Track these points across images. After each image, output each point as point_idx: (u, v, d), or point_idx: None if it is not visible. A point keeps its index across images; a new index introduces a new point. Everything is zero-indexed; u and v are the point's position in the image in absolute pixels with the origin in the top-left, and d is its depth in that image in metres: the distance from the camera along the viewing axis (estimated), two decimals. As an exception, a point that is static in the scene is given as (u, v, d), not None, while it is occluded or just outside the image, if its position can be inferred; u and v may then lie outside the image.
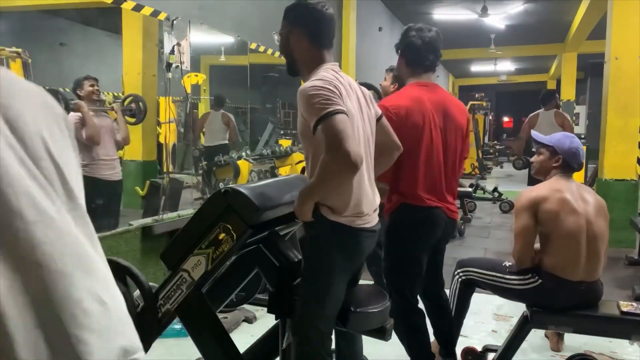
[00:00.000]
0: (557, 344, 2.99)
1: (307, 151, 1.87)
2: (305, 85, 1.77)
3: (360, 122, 1.87)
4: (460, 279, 2.65)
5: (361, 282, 2.18)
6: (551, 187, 2.40)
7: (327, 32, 1.92)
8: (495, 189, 8.18)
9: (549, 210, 2.34)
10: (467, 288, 2.65)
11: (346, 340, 2.15)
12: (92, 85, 3.69)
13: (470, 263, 2.66)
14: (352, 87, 1.93)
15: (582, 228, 2.33)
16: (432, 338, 2.92)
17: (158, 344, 2.66)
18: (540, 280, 2.37)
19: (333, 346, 2.08)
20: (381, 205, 2.12)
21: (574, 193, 2.39)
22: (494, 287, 2.54)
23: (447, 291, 2.71)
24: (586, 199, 2.41)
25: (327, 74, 1.82)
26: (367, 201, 1.89)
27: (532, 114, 6.58)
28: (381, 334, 2.00)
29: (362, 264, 2.07)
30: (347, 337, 2.14)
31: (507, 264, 2.52)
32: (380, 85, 3.47)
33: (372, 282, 3.08)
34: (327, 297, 1.86)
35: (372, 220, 1.93)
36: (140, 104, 4.00)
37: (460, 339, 2.75)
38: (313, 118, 1.69)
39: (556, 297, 2.35)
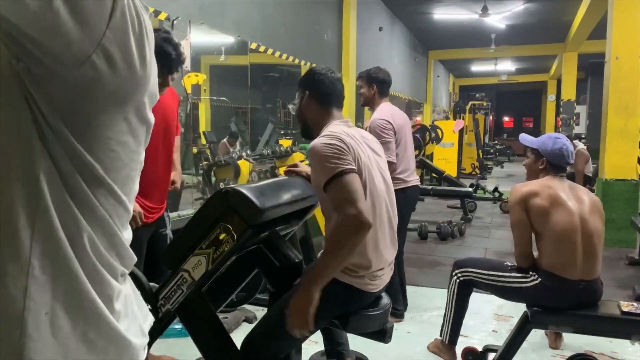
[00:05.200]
0: (555, 342, 2.99)
1: (324, 206, 1.86)
2: (315, 142, 1.80)
3: (374, 172, 1.87)
4: (458, 280, 2.65)
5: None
6: (543, 184, 2.44)
7: (333, 93, 1.98)
8: (495, 189, 8.18)
9: (538, 205, 2.37)
10: (466, 289, 2.65)
11: (330, 335, 2.21)
12: None
13: (468, 263, 2.65)
14: (363, 138, 1.95)
15: (576, 227, 2.34)
16: (432, 338, 2.93)
17: (158, 344, 2.66)
18: (539, 279, 2.38)
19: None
20: None
21: (566, 192, 2.42)
22: (493, 287, 2.54)
23: (446, 291, 2.72)
24: (580, 198, 2.42)
25: (335, 129, 1.86)
26: (382, 258, 1.88)
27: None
28: (381, 336, 2.00)
29: None
30: (330, 332, 2.18)
31: (509, 263, 2.53)
32: (361, 94, 3.48)
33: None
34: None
35: (382, 282, 1.91)
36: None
37: (460, 339, 2.75)
38: (323, 178, 1.72)
39: (556, 296, 2.35)
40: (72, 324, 0.77)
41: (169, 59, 2.20)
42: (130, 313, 0.87)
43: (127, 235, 0.86)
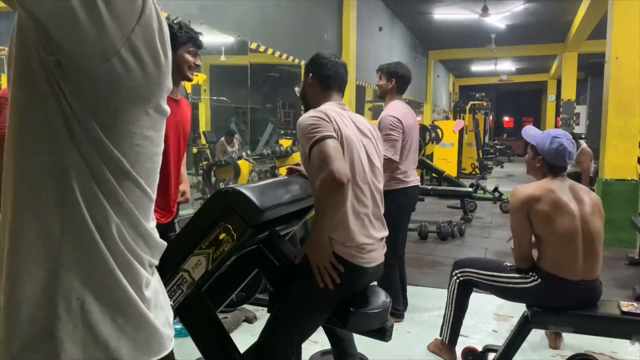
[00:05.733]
0: (554, 342, 2.99)
1: (311, 177, 1.94)
2: (301, 117, 1.91)
3: (358, 149, 1.93)
4: (458, 280, 2.65)
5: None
6: (544, 187, 2.38)
7: (335, 77, 2.07)
8: (495, 189, 8.17)
9: (541, 211, 2.33)
10: (465, 289, 2.65)
11: (341, 340, 2.20)
12: None
13: (468, 264, 2.64)
14: (355, 121, 2.01)
15: (577, 229, 2.32)
16: (432, 338, 2.92)
17: (158, 344, 2.66)
18: (540, 280, 2.37)
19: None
20: None
21: (567, 193, 2.37)
22: (493, 288, 2.53)
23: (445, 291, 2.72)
24: (581, 199, 2.38)
25: (324, 107, 1.96)
26: (367, 233, 1.91)
27: None
28: (381, 334, 2.00)
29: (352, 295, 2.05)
30: (337, 335, 2.18)
31: (508, 263, 2.52)
32: (378, 85, 3.49)
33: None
34: (302, 324, 1.91)
35: (373, 258, 1.94)
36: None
37: (460, 339, 2.75)
38: (306, 146, 1.83)
39: (556, 296, 2.35)
40: (102, 309, 0.81)
41: (196, 39, 2.36)
42: (159, 304, 0.90)
43: (152, 224, 0.89)
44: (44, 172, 0.77)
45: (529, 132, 2.55)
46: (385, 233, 2.03)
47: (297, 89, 2.22)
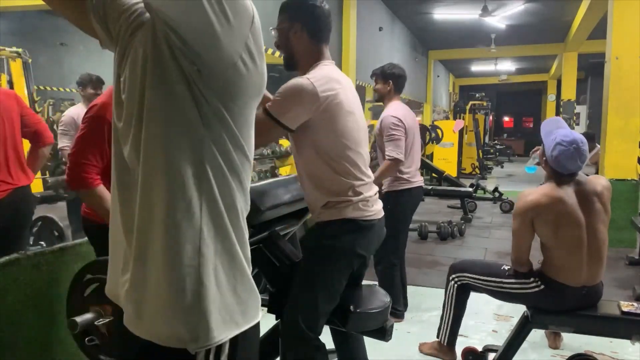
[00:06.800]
0: (554, 342, 2.99)
1: (292, 146, 1.93)
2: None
3: (357, 112, 1.92)
4: (455, 285, 2.64)
5: (364, 281, 2.17)
6: (552, 195, 2.27)
7: (325, 27, 1.91)
8: (495, 189, 8.17)
9: (546, 221, 2.27)
10: (464, 292, 2.63)
11: (347, 343, 2.15)
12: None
13: (465, 268, 2.61)
14: (348, 83, 1.98)
15: (582, 239, 2.28)
16: (432, 338, 2.92)
17: (158, 344, 2.65)
18: (542, 286, 2.35)
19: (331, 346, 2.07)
20: None
21: (574, 201, 2.28)
22: (492, 292, 2.51)
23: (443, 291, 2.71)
24: (587, 205, 2.29)
25: (331, 74, 1.87)
26: (367, 191, 1.92)
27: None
28: (381, 334, 2.00)
29: (365, 261, 2.04)
30: (349, 340, 2.14)
31: (506, 267, 2.49)
32: (376, 90, 3.49)
33: (373, 283, 3.07)
34: (323, 293, 1.87)
35: (374, 210, 1.94)
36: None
37: (460, 339, 2.75)
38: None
39: (558, 301, 2.33)
40: (227, 279, 0.95)
41: None
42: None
43: None
44: (186, 162, 0.90)
45: (545, 127, 2.41)
46: (377, 189, 2.04)
47: (273, 33, 1.95)
